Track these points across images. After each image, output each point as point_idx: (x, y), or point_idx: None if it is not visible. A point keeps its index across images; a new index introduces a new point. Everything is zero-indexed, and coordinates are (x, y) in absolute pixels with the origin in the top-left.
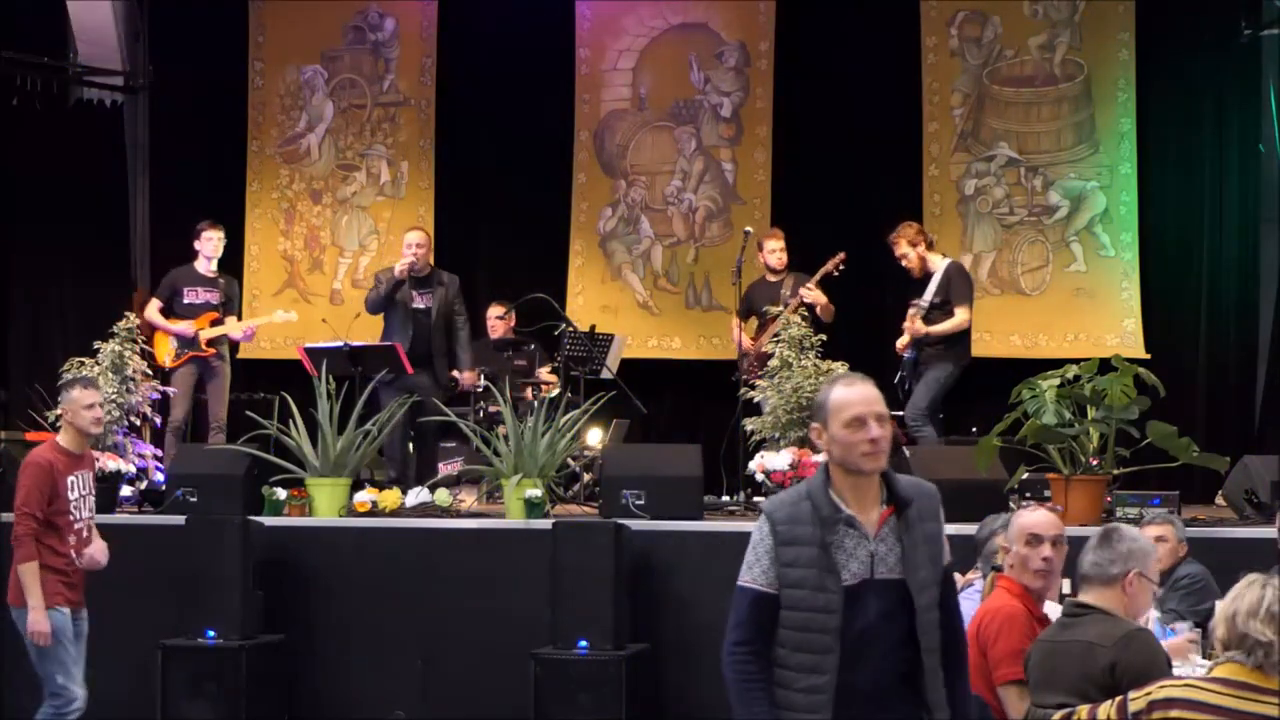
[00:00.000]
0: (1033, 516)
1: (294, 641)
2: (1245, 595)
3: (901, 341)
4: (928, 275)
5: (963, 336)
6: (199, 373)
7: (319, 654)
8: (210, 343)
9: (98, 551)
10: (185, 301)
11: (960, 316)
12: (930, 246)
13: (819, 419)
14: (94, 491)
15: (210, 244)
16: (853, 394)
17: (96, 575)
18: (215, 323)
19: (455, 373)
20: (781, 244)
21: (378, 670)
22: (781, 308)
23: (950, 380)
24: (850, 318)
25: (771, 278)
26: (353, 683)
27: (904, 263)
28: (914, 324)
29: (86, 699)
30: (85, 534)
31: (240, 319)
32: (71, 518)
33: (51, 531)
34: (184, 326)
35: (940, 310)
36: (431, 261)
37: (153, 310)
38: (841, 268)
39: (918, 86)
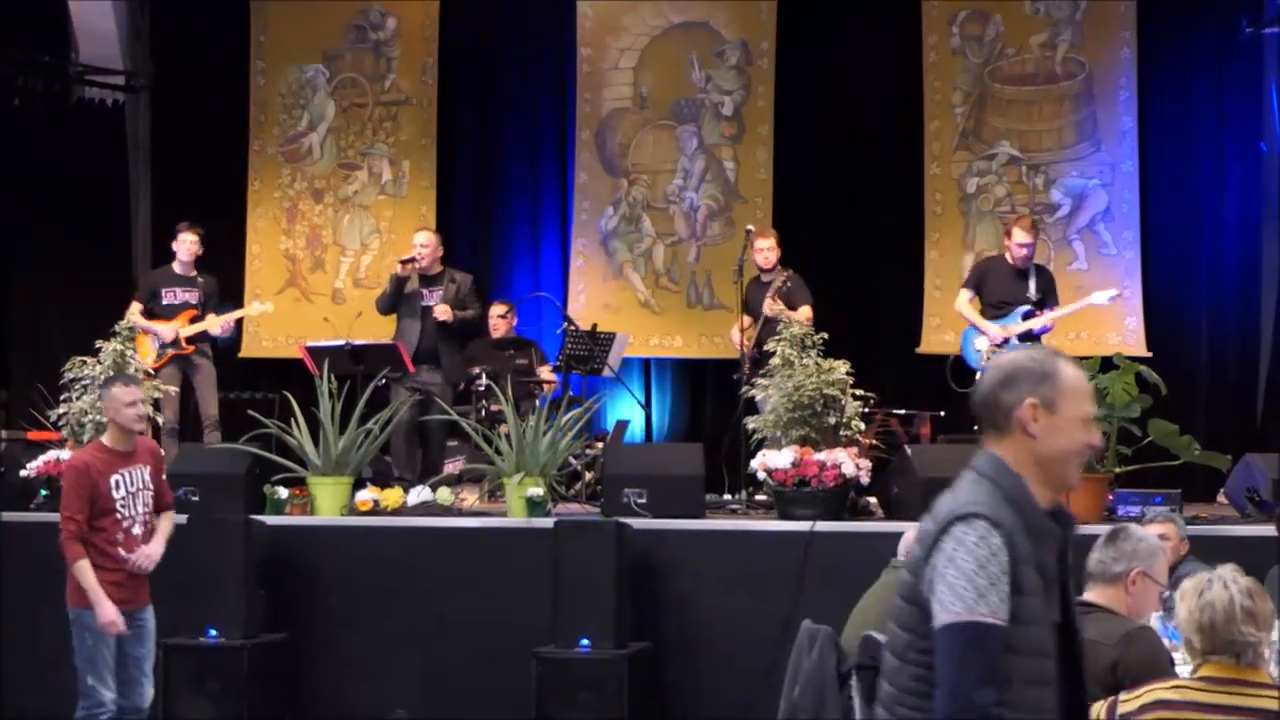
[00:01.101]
0: None
1: (296, 641)
2: (1211, 602)
3: (998, 335)
4: (1024, 270)
5: None
6: (182, 371)
7: (321, 653)
8: (190, 340)
9: (141, 557)
10: (164, 303)
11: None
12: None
13: (1039, 393)
14: (150, 487)
15: (184, 246)
16: (1085, 384)
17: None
18: (195, 320)
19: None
20: (771, 243)
21: (379, 669)
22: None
23: None
24: (851, 316)
25: (764, 277)
26: (354, 682)
27: (1023, 252)
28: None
29: (117, 703)
30: (141, 531)
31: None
32: (118, 516)
33: (96, 532)
34: (162, 327)
35: (1041, 306)
36: (442, 261)
37: (133, 312)
38: (789, 285)
39: (919, 85)
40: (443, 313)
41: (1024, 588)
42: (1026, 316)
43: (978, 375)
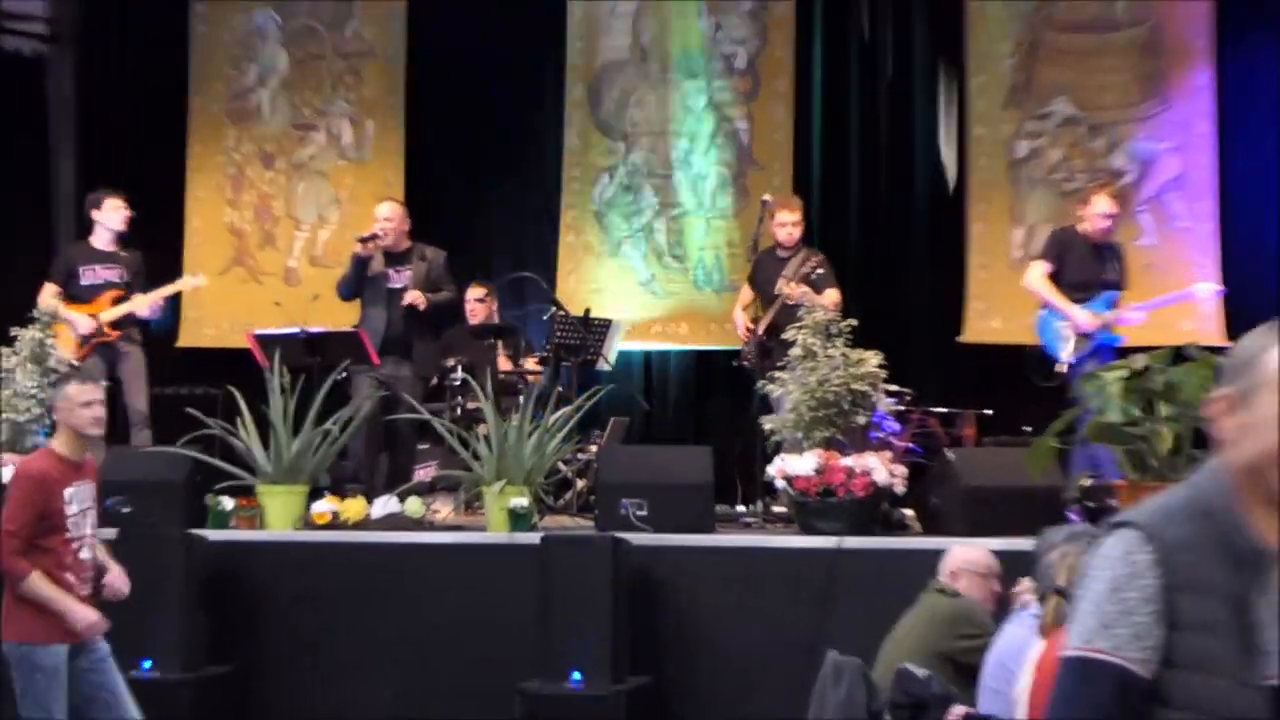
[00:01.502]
0: None
1: (243, 673)
2: None
3: (1088, 323)
4: (1104, 247)
5: None
6: (108, 361)
7: (272, 688)
8: (115, 325)
9: (118, 579)
10: (83, 283)
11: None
12: None
13: (1237, 382)
14: (95, 505)
15: (115, 215)
16: None
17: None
18: (118, 301)
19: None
20: (796, 217)
21: (340, 705)
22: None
23: None
24: (883, 300)
25: (781, 253)
26: (312, 717)
27: (1105, 224)
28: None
29: None
30: (90, 556)
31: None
32: (68, 535)
33: (42, 553)
34: (79, 316)
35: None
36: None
37: (48, 295)
38: (820, 271)
39: (961, 33)
40: (413, 297)
41: (1185, 621)
42: (1110, 304)
43: (1058, 367)
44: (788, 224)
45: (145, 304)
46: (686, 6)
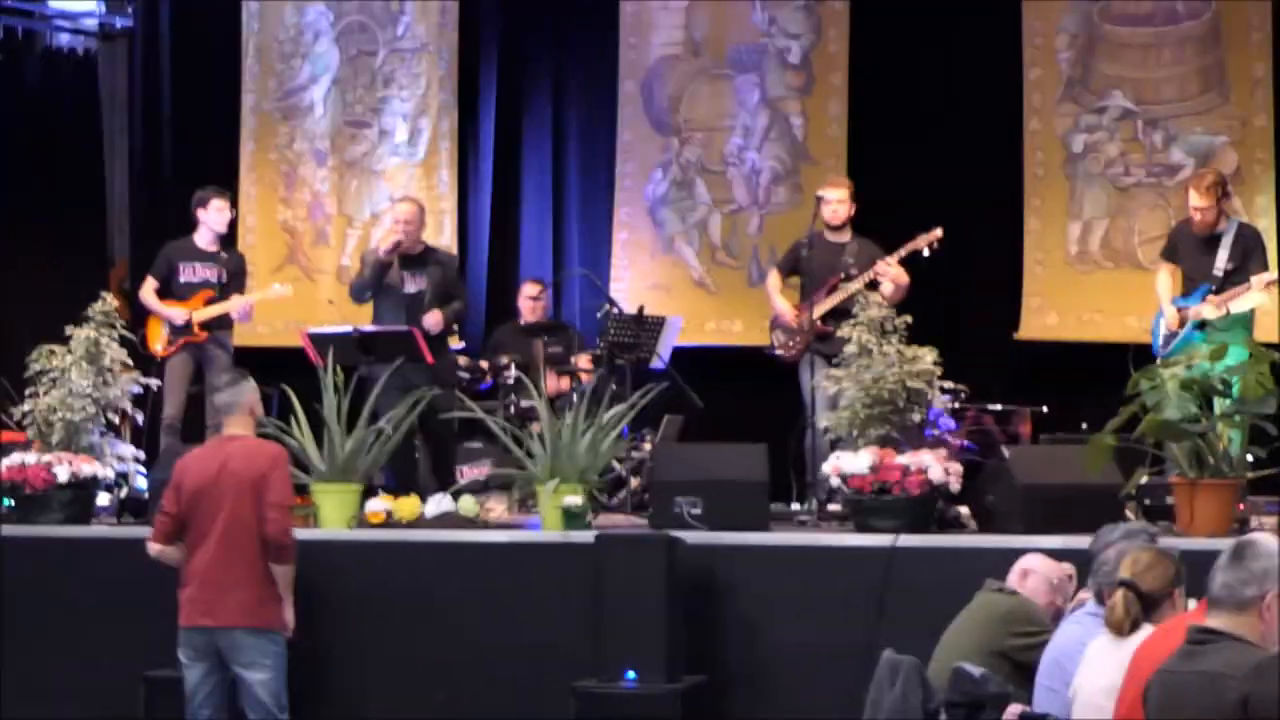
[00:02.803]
0: None
1: (296, 673)
2: None
3: (1171, 321)
4: (1212, 238)
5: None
6: (195, 361)
7: (325, 685)
8: (205, 325)
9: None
10: (181, 280)
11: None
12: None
13: None
14: None
15: (219, 215)
16: None
17: (67, 596)
18: (210, 301)
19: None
20: (843, 194)
21: (393, 703)
22: (845, 278)
23: None
24: (938, 296)
25: (831, 236)
26: (364, 718)
27: (1197, 217)
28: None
29: None
30: None
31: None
32: None
33: None
34: (174, 311)
35: (1235, 281)
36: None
37: (148, 290)
38: (935, 246)
39: (1017, 26)
40: (433, 322)
41: None
42: (1204, 297)
43: (1158, 362)
44: (834, 202)
45: (237, 306)
46: (740, 2)
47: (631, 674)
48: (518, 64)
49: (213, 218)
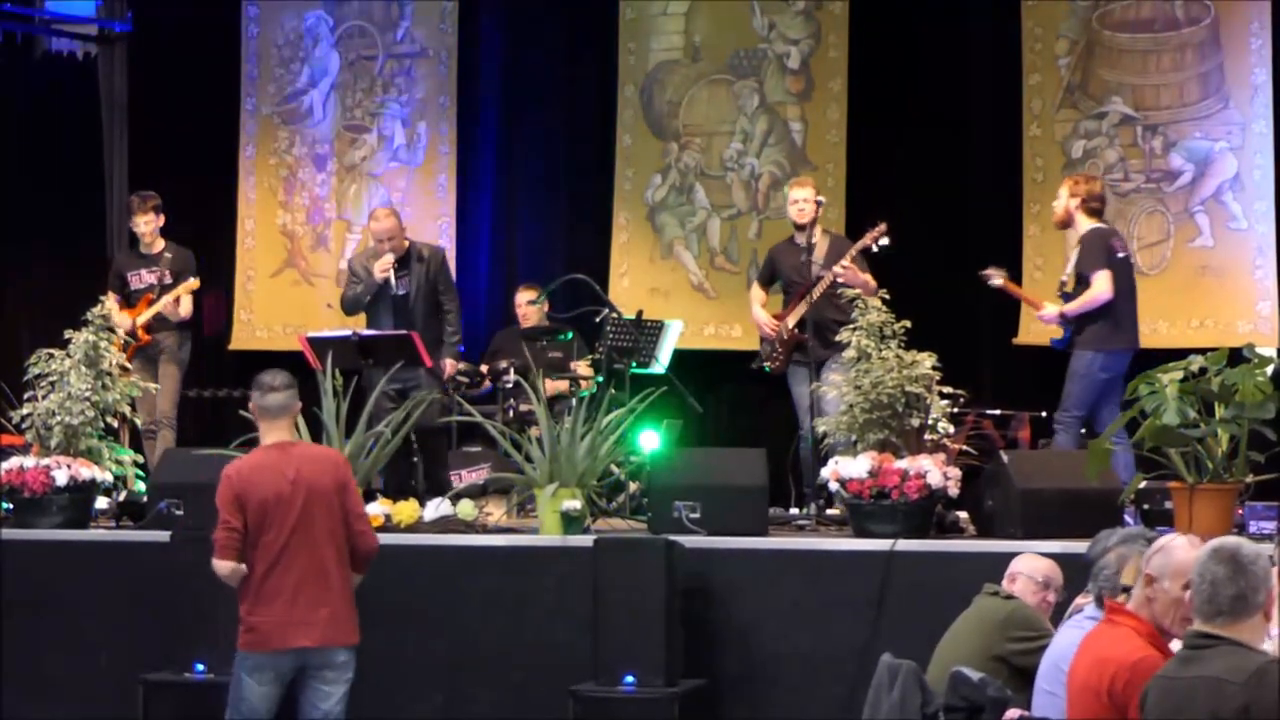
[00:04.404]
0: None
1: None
2: None
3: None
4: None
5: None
6: (151, 364)
7: None
8: (147, 329)
9: None
10: (131, 289)
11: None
12: (1089, 210)
13: None
14: None
15: (143, 224)
16: None
17: (66, 599)
18: (151, 304)
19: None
20: (807, 193)
21: (392, 707)
22: (810, 281)
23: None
24: (937, 301)
25: (799, 238)
26: None
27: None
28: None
29: None
30: None
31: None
32: None
33: None
34: (122, 319)
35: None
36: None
37: (110, 305)
38: (883, 241)
39: (1017, 32)
40: (450, 367)
41: None
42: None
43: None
44: (799, 200)
45: (160, 305)
46: (739, 6)
47: (630, 678)
48: (517, 69)
49: (139, 226)
